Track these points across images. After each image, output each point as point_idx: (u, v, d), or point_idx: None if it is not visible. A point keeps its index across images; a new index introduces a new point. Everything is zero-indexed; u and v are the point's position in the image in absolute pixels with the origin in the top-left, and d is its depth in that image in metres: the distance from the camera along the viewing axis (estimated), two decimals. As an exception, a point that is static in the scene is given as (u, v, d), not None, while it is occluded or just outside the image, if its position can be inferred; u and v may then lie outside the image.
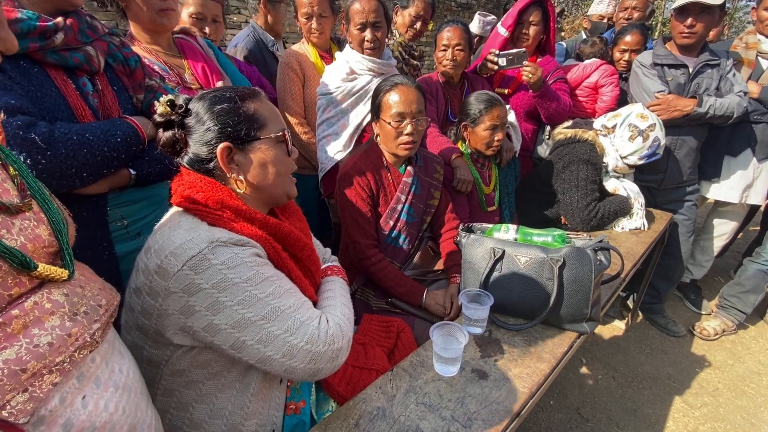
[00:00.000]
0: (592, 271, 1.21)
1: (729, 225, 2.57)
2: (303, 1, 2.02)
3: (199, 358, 0.86)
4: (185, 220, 0.84)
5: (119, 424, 0.66)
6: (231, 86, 0.93)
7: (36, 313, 0.56)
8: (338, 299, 1.03)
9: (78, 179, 0.98)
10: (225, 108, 0.86)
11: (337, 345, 0.88)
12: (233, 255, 0.80)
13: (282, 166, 0.94)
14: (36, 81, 0.95)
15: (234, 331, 0.79)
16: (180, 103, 0.87)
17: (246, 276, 0.80)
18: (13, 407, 0.52)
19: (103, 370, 0.66)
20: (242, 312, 0.79)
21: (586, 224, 1.98)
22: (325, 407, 1.08)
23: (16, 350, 0.53)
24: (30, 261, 0.56)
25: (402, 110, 1.46)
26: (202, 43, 1.57)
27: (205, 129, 0.86)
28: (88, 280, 0.69)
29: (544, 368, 1.12)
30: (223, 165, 0.87)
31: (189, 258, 0.77)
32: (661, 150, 1.95)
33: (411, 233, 1.64)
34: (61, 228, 0.65)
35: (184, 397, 0.90)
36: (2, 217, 0.56)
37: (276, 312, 0.81)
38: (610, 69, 2.49)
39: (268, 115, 0.92)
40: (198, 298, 0.77)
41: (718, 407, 2.04)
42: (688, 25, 2.06)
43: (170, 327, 0.81)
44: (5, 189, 0.60)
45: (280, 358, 0.81)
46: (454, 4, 7.87)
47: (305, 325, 0.84)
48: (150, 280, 0.80)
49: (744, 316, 2.50)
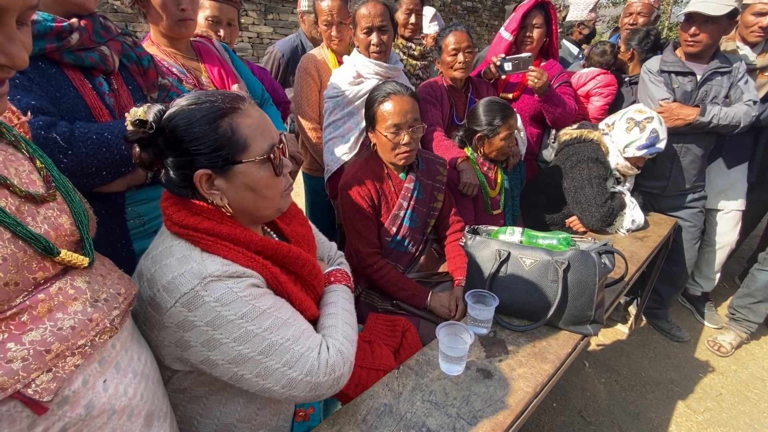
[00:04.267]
0: (596, 273, 1.22)
1: (729, 235, 2.54)
2: (323, 8, 2.05)
3: (200, 379, 0.86)
4: (177, 246, 0.79)
5: (137, 409, 0.69)
6: (210, 96, 0.80)
7: (60, 298, 0.60)
8: (340, 317, 0.98)
9: (98, 177, 1.00)
10: (199, 131, 0.76)
11: (337, 373, 0.86)
12: (227, 290, 0.76)
13: (268, 188, 0.84)
14: (54, 81, 0.97)
15: (231, 366, 0.77)
16: (150, 121, 0.75)
17: (241, 312, 0.76)
18: (37, 386, 0.55)
19: (122, 357, 0.69)
20: (239, 348, 0.76)
21: (603, 221, 1.96)
22: (333, 411, 1.09)
23: (41, 332, 0.56)
24: (53, 247, 0.59)
25: (398, 121, 1.44)
26: (218, 46, 1.60)
27: (178, 154, 0.77)
28: (108, 270, 0.72)
29: (548, 369, 1.14)
30: (203, 192, 0.79)
31: (181, 295, 0.74)
32: (661, 144, 1.93)
33: (415, 237, 1.65)
34: (83, 219, 0.68)
35: (188, 412, 0.90)
36: (28, 205, 0.60)
37: (274, 346, 0.79)
38: (605, 80, 2.48)
39: (250, 133, 0.80)
40: (192, 334, 0.75)
41: (721, 412, 2.04)
42: (692, 34, 2.06)
43: (167, 356, 0.80)
44: (32, 180, 0.64)
45: (280, 389, 0.81)
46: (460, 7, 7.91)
47: (304, 357, 0.82)
48: (144, 310, 0.79)
49: (756, 327, 2.47)
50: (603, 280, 1.26)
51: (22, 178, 0.62)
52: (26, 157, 0.66)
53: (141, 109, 0.76)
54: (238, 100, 0.82)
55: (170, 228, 0.82)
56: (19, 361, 0.53)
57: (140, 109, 0.76)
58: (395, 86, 1.49)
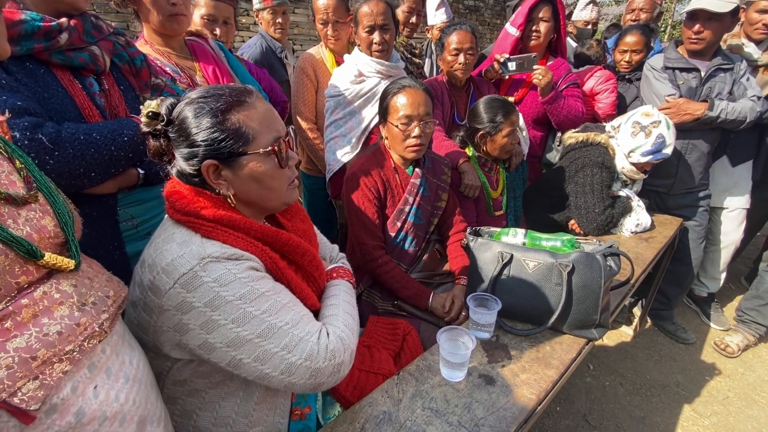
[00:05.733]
0: (601, 276, 1.19)
1: (734, 233, 2.51)
2: (319, 7, 2.03)
3: (200, 369, 0.85)
4: (178, 233, 0.81)
5: (129, 414, 0.67)
6: (218, 90, 0.84)
7: (45, 302, 0.58)
8: (341, 307, 0.98)
9: (87, 179, 0.98)
10: (207, 123, 0.79)
11: (338, 359, 0.84)
12: (226, 271, 0.77)
13: (273, 180, 0.87)
14: (42, 82, 0.96)
15: (229, 349, 0.77)
16: (162, 114, 0.81)
17: (240, 293, 0.77)
18: (24, 394, 0.53)
19: (113, 362, 0.67)
20: (237, 330, 0.76)
21: (601, 229, 1.95)
22: (331, 412, 1.07)
23: (26, 339, 0.55)
24: (36, 250, 0.57)
25: (409, 113, 1.46)
26: (213, 45, 1.58)
27: (188, 145, 0.81)
28: (96, 273, 0.70)
29: (552, 375, 1.11)
30: (210, 182, 0.82)
31: (180, 275, 0.74)
32: (668, 149, 1.90)
33: (418, 235, 1.63)
34: (67, 220, 0.66)
35: (187, 405, 0.89)
36: (8, 207, 0.58)
37: (272, 329, 0.79)
38: (605, 74, 2.45)
39: (256, 126, 0.82)
40: (191, 316, 0.75)
41: (728, 416, 2.00)
42: (696, 31, 2.05)
43: (166, 343, 0.80)
44: (11, 181, 0.62)
45: (279, 375, 0.79)
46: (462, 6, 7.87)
47: (304, 341, 0.81)
48: (144, 296, 0.79)
49: (765, 329, 2.43)
50: (608, 282, 1.23)
51: (1, 180, 0.60)
52: (5, 157, 0.64)
53: (155, 102, 0.81)
54: (246, 94, 0.84)
55: (173, 216, 0.83)
56: (4, 369, 0.52)
57: (154, 102, 0.81)
58: (410, 81, 1.51)
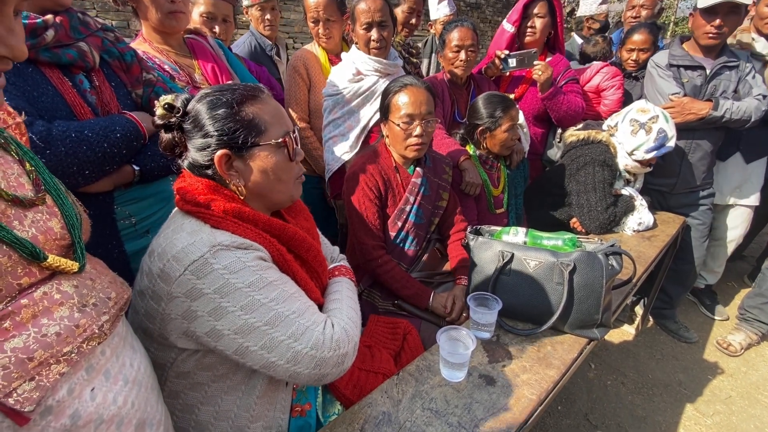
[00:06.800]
0: (603, 276, 1.18)
1: (738, 230, 2.50)
2: (310, 5, 1.99)
3: (203, 361, 0.85)
4: (188, 223, 0.83)
5: (127, 417, 0.67)
6: (232, 85, 0.88)
7: (45, 303, 0.58)
8: (345, 302, 1.00)
9: (80, 177, 0.97)
10: (222, 114, 0.83)
11: (342, 350, 0.86)
12: (235, 259, 0.78)
13: (283, 172, 0.90)
14: (31, 80, 0.95)
15: (237, 336, 0.78)
16: (178, 106, 0.85)
17: (249, 280, 0.78)
18: (19, 395, 0.52)
19: (113, 364, 0.67)
20: (245, 317, 0.77)
21: (603, 228, 1.94)
22: (331, 410, 1.07)
23: (24, 339, 0.54)
24: (40, 252, 0.57)
25: (411, 112, 1.44)
26: (212, 43, 1.57)
27: (202, 135, 0.84)
28: (99, 273, 0.70)
29: (553, 375, 1.10)
30: (222, 172, 0.85)
31: (191, 262, 0.76)
32: (671, 142, 1.88)
33: (419, 235, 1.62)
34: (74, 222, 0.67)
35: (189, 399, 0.89)
36: (15, 209, 0.58)
37: (280, 317, 0.80)
38: (612, 71, 2.44)
39: (268, 119, 0.87)
40: (200, 303, 0.76)
41: (730, 416, 1.99)
42: (717, 25, 1.98)
43: (173, 331, 0.80)
44: (20, 183, 0.62)
45: (285, 363, 0.80)
46: (463, 3, 7.83)
47: (310, 330, 0.82)
48: (153, 284, 0.79)
49: (767, 328, 2.42)
50: (610, 282, 1.22)
51: (9, 182, 0.60)
52: (15, 159, 0.64)
53: (170, 96, 0.85)
54: (258, 90, 0.89)
55: (183, 207, 0.85)
56: (0, 369, 0.51)
57: (169, 96, 0.85)
58: (412, 79, 1.50)
